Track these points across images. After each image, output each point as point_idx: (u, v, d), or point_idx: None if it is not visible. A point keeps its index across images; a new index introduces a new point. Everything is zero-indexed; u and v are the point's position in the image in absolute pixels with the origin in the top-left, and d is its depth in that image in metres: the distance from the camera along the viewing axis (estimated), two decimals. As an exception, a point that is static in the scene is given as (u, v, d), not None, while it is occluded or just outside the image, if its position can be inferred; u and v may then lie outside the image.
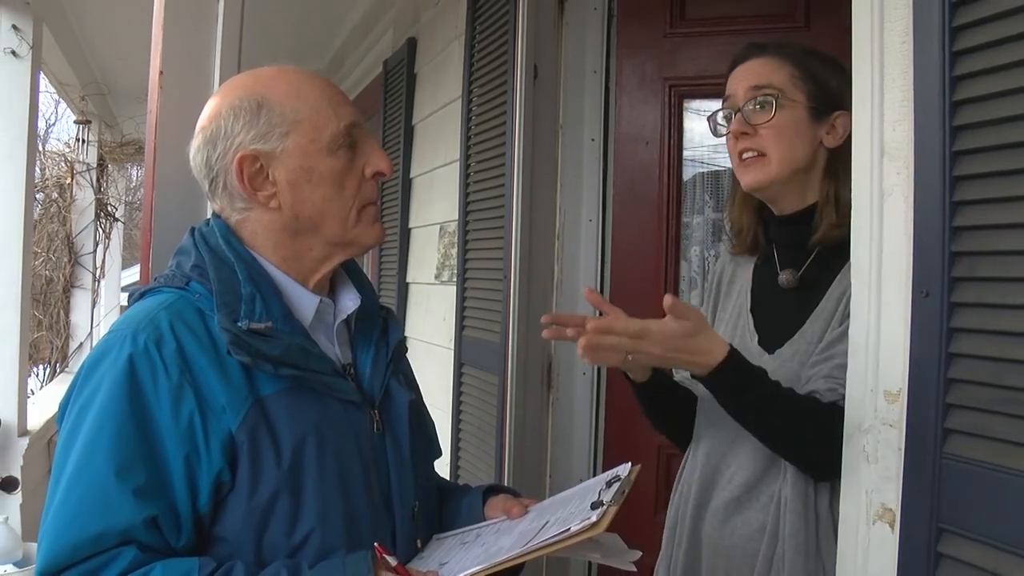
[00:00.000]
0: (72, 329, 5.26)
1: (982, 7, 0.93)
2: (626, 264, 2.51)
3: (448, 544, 1.19)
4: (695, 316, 1.30)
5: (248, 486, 1.04)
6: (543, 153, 2.49)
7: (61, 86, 4.72)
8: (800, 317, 1.39)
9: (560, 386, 2.54)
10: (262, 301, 1.08)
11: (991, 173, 0.93)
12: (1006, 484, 0.89)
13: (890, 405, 1.05)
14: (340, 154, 1.13)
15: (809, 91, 1.39)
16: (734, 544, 1.38)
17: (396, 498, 1.16)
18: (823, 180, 1.40)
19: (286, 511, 1.05)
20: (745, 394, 1.29)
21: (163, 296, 1.11)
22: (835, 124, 1.39)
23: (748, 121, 1.40)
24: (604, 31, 2.53)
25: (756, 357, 1.41)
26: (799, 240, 1.42)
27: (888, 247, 1.07)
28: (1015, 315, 0.90)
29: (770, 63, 1.42)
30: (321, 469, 1.07)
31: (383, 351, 1.22)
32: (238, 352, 1.04)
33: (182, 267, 1.13)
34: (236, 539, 1.05)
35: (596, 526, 0.98)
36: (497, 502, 1.25)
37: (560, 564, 2.40)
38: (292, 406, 1.07)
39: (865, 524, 1.08)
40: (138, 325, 1.05)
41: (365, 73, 4.72)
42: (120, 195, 5.89)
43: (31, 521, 2.71)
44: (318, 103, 1.13)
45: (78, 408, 1.04)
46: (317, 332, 1.17)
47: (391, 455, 1.17)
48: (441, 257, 3.19)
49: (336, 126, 1.13)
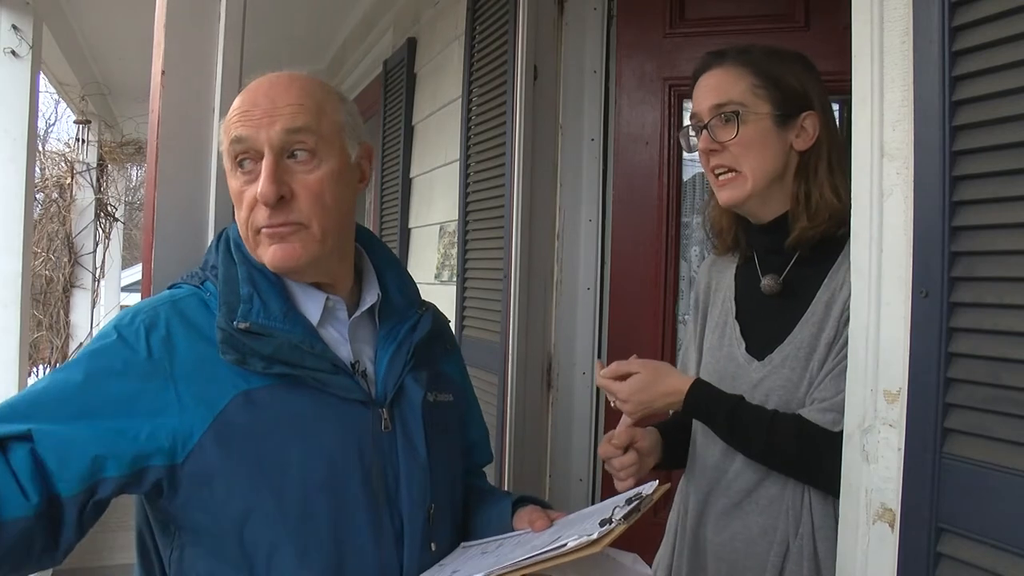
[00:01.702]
0: (72, 329, 5.27)
1: (982, 7, 0.93)
2: (626, 264, 2.51)
3: (470, 553, 1.17)
4: (644, 368, 1.41)
5: (225, 480, 1.04)
6: (543, 153, 2.49)
7: (61, 86, 4.73)
8: (787, 323, 1.38)
9: (560, 386, 2.54)
10: (260, 301, 1.10)
11: (991, 173, 0.93)
12: (1006, 484, 0.89)
13: (890, 405, 1.05)
14: (236, 173, 1.13)
15: (773, 98, 1.37)
16: (736, 548, 1.38)
17: (405, 498, 1.14)
18: (793, 182, 1.39)
19: (267, 505, 1.05)
20: (717, 416, 1.36)
21: (179, 291, 1.16)
22: (804, 125, 1.38)
23: (715, 139, 1.39)
24: (604, 31, 2.54)
25: (744, 364, 1.42)
26: (779, 246, 1.41)
27: (888, 247, 1.07)
28: (1015, 315, 0.90)
29: (729, 74, 1.39)
30: (305, 465, 1.07)
31: (405, 347, 1.20)
32: (227, 351, 1.06)
33: (204, 266, 1.19)
34: (218, 532, 1.05)
35: (595, 544, 0.94)
36: (524, 514, 1.22)
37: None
38: (281, 401, 1.08)
39: (865, 524, 1.09)
40: (141, 308, 1.11)
41: (365, 73, 4.72)
42: (120, 195, 5.89)
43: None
44: (231, 114, 1.13)
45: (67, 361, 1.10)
46: (328, 329, 1.17)
47: (402, 454, 1.15)
48: (441, 257, 3.19)
49: (225, 141, 1.13)
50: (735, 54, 1.41)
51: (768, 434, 1.31)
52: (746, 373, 1.41)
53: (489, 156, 2.66)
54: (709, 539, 1.44)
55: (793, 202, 1.39)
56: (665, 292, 2.46)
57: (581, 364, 2.54)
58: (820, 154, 1.38)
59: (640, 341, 2.47)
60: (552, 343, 2.54)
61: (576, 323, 2.54)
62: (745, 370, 1.41)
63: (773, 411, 1.33)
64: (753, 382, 1.39)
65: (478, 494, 1.33)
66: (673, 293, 2.47)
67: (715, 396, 1.37)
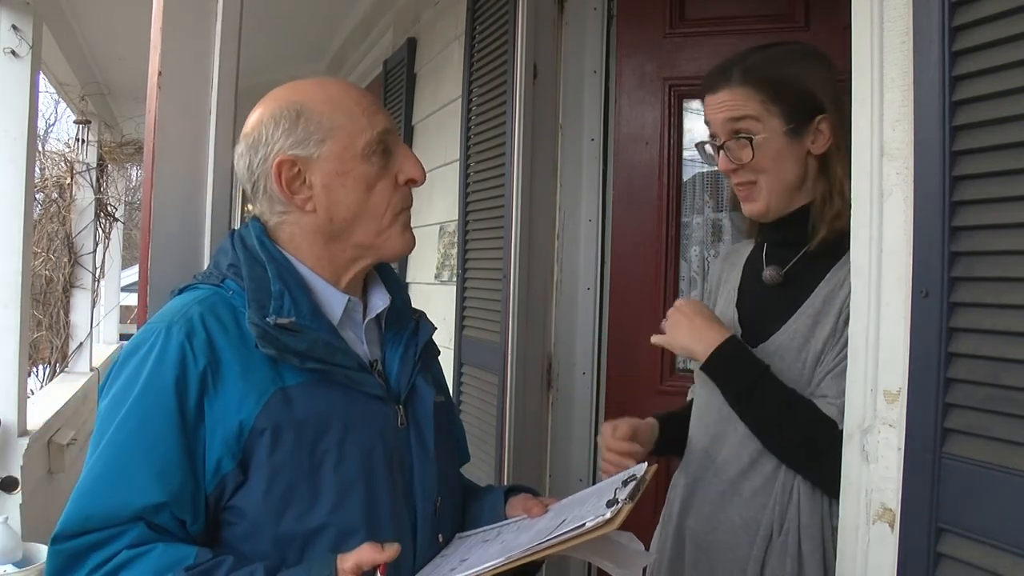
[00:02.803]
0: (72, 329, 5.25)
1: (981, 7, 0.93)
2: (626, 264, 2.51)
3: (470, 542, 1.22)
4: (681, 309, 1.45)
5: (268, 471, 1.08)
6: (543, 153, 2.49)
7: (61, 86, 4.72)
8: (784, 313, 1.40)
9: (560, 386, 2.54)
10: (290, 298, 1.14)
11: (991, 173, 0.93)
12: (1005, 483, 0.89)
13: (890, 405, 1.05)
14: (374, 160, 1.18)
15: (784, 112, 1.37)
16: (716, 539, 1.40)
17: (418, 491, 1.19)
18: (816, 182, 1.40)
19: (304, 496, 1.09)
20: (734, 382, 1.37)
21: (198, 292, 1.17)
22: (820, 129, 1.38)
23: (732, 159, 1.40)
24: (604, 31, 2.54)
25: None
26: (789, 239, 1.43)
27: (888, 247, 1.07)
28: (1014, 315, 0.90)
29: (739, 94, 1.39)
30: (341, 457, 1.11)
31: (411, 350, 1.26)
32: (265, 345, 1.09)
33: (219, 266, 1.20)
34: (255, 522, 1.09)
35: (610, 523, 1.01)
36: (517, 501, 1.28)
37: (560, 565, 2.40)
38: (316, 396, 1.12)
39: (865, 524, 1.09)
40: (172, 318, 1.12)
41: (365, 73, 4.72)
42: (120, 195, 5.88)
43: (31, 521, 2.71)
44: (353, 112, 1.18)
45: (113, 394, 1.10)
46: (346, 329, 1.21)
47: (415, 450, 1.21)
48: (441, 257, 3.19)
49: (370, 133, 1.18)
50: (740, 72, 1.39)
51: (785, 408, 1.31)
52: None
53: (489, 156, 2.66)
54: (692, 528, 1.46)
55: (819, 201, 1.39)
56: (665, 292, 2.46)
57: (581, 364, 2.54)
58: (838, 154, 1.38)
59: (640, 341, 2.46)
60: (552, 343, 2.54)
61: (576, 323, 2.54)
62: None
63: (792, 390, 1.33)
64: None
65: (465, 487, 1.39)
66: (673, 293, 2.47)
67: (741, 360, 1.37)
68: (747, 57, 1.41)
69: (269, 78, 1.26)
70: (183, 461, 1.06)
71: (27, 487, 2.87)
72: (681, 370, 2.42)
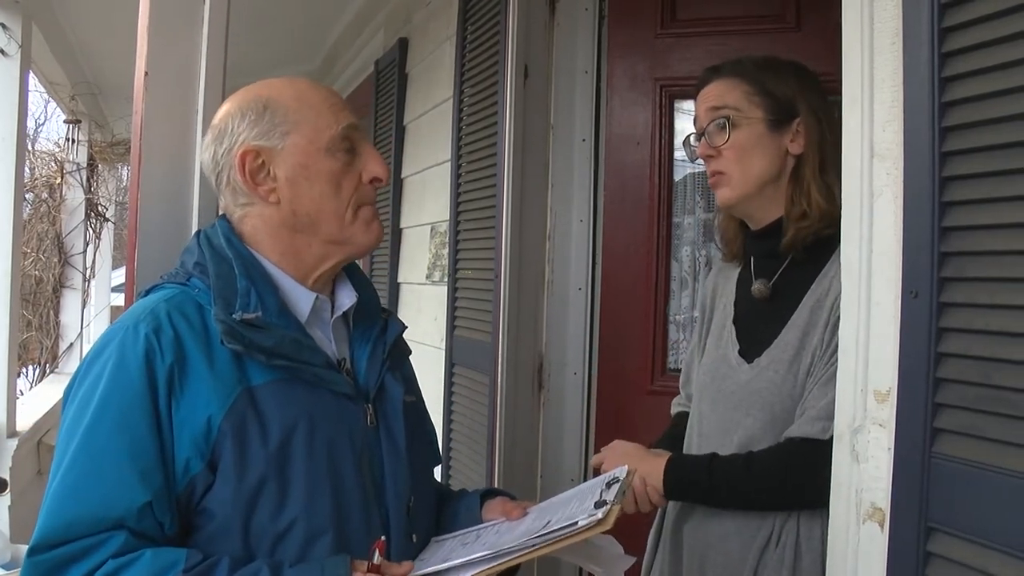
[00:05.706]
0: (62, 329, 5.24)
1: (972, 8, 0.94)
2: (617, 264, 2.51)
3: (448, 545, 1.21)
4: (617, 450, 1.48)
5: (235, 471, 1.07)
6: (534, 153, 2.49)
7: (51, 85, 4.70)
8: (775, 326, 1.41)
9: (551, 386, 2.54)
10: (257, 295, 1.14)
11: (980, 174, 0.93)
12: (995, 483, 0.89)
13: (880, 404, 1.05)
14: (338, 156, 1.19)
15: (766, 104, 1.42)
16: (710, 544, 1.41)
17: (390, 491, 1.19)
18: (787, 185, 1.42)
19: (273, 496, 1.08)
20: (692, 488, 1.39)
21: (165, 291, 1.17)
22: (799, 130, 1.42)
23: (710, 144, 1.44)
24: (595, 31, 2.53)
25: (736, 366, 1.45)
26: (772, 251, 1.45)
27: (878, 247, 1.07)
28: (1004, 315, 0.90)
29: (725, 84, 1.45)
30: (310, 456, 1.11)
31: (380, 348, 1.26)
32: (231, 341, 1.09)
33: (185, 265, 1.20)
34: (223, 522, 1.08)
35: (603, 523, 1.02)
36: (495, 505, 1.28)
37: (551, 566, 2.40)
38: (283, 395, 1.11)
39: (855, 523, 1.09)
40: (139, 317, 1.11)
41: (356, 73, 4.71)
42: (110, 195, 5.87)
43: (20, 522, 2.69)
44: (319, 107, 1.20)
45: (80, 396, 1.09)
46: (314, 327, 1.21)
47: (385, 448, 1.20)
48: (432, 257, 3.18)
49: (335, 129, 1.19)
50: (730, 66, 1.47)
51: (747, 473, 1.34)
52: (736, 374, 1.45)
53: (480, 156, 2.65)
54: (688, 534, 1.46)
55: (787, 204, 1.42)
56: (656, 292, 2.46)
57: (572, 365, 2.53)
58: (810, 157, 1.42)
59: (631, 341, 2.47)
60: (543, 343, 2.53)
61: (567, 323, 2.54)
62: (736, 372, 1.45)
63: (747, 453, 1.36)
64: (741, 383, 1.43)
65: (438, 491, 1.39)
66: (664, 293, 2.47)
67: (689, 464, 1.41)
68: (741, 59, 1.49)
69: (260, 78, 1.26)
70: (159, 460, 1.05)
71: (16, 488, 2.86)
72: (672, 370, 2.42)
